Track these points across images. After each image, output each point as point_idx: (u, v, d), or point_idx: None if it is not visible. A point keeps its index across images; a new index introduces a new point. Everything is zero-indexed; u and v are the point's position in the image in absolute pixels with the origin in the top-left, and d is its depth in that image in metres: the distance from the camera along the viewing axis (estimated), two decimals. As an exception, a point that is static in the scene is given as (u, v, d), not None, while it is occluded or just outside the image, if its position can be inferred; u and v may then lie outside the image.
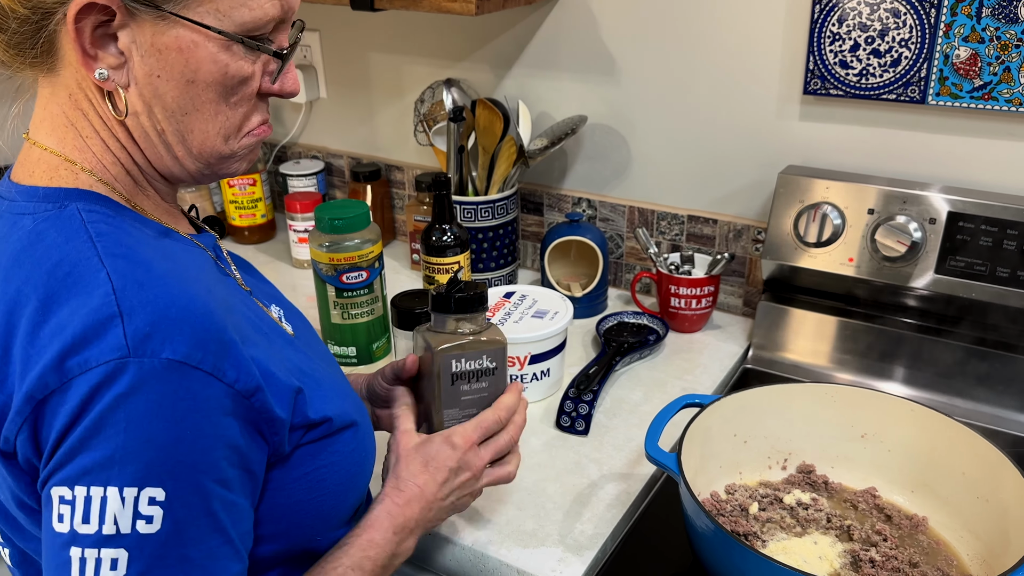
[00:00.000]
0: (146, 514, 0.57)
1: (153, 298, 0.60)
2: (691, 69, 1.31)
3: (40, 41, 0.64)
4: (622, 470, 1.05)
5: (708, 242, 1.39)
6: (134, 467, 0.57)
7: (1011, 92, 1.09)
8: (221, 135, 0.69)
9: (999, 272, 1.08)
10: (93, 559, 0.57)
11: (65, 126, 0.68)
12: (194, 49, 0.64)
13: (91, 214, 0.65)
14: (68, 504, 0.57)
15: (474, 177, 1.45)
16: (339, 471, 0.73)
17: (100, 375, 0.57)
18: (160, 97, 0.65)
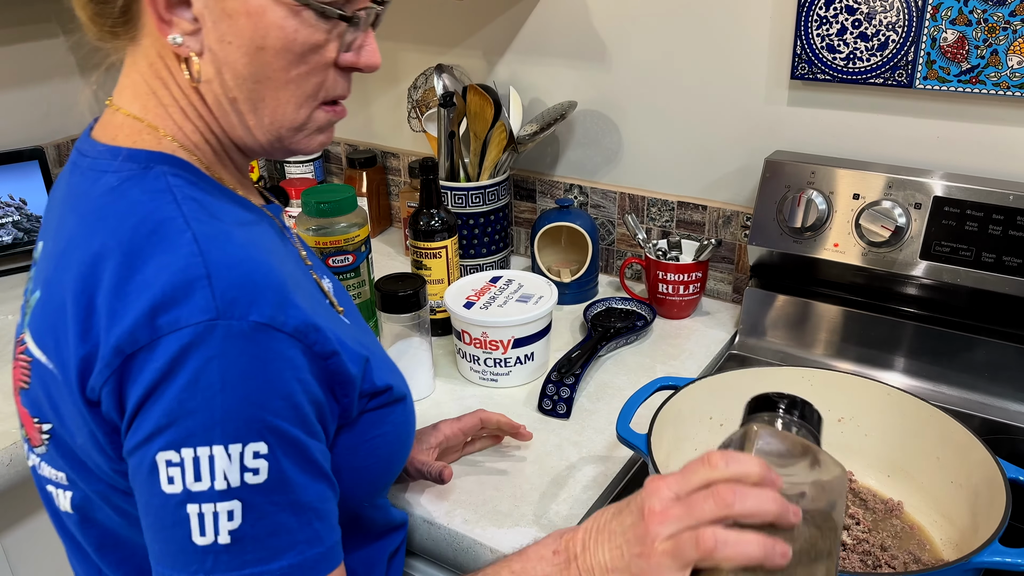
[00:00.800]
0: (252, 467, 0.59)
1: (237, 262, 0.61)
2: (681, 55, 1.31)
3: (118, 9, 0.66)
4: (601, 453, 1.05)
5: (698, 228, 1.39)
6: (235, 425, 0.59)
7: (999, 76, 1.08)
8: (292, 104, 0.68)
9: (984, 257, 1.07)
10: (211, 513, 0.59)
11: (147, 94, 0.69)
12: (262, 14, 0.63)
13: (176, 178, 0.66)
14: (177, 466, 0.58)
15: (466, 163, 1.45)
16: (392, 440, 0.75)
17: (190, 335, 0.58)
18: (231, 64, 0.65)
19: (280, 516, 0.61)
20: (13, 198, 1.56)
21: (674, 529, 0.61)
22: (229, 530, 0.59)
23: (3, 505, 1.12)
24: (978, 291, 1.09)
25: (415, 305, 1.13)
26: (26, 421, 0.72)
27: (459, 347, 1.20)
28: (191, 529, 0.59)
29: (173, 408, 0.58)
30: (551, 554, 0.67)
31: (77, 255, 0.64)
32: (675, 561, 0.60)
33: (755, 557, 0.58)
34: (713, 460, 0.62)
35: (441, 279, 1.28)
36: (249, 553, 0.60)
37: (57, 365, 0.64)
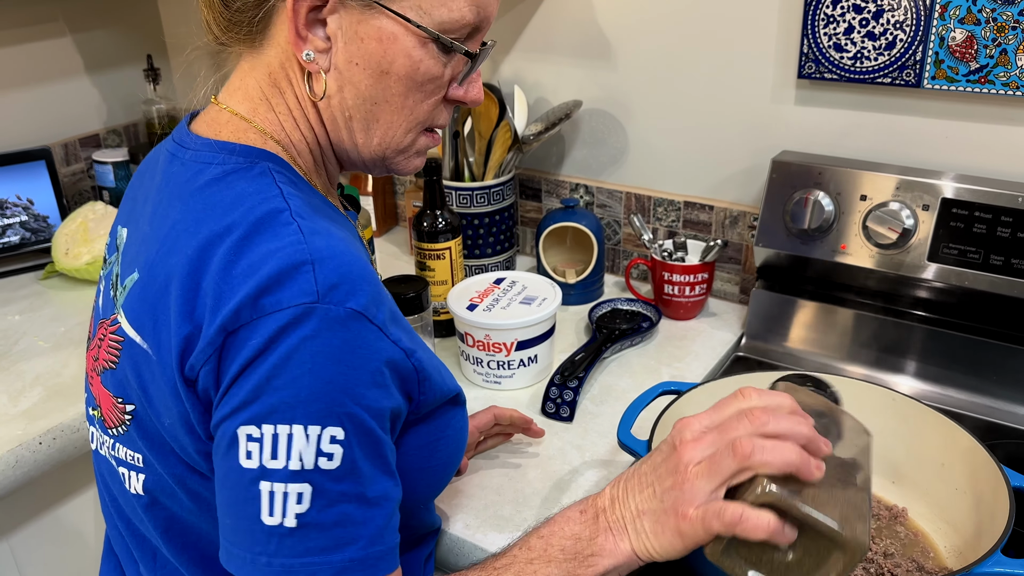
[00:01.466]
0: (327, 451, 0.61)
1: (339, 253, 0.64)
2: (686, 53, 1.30)
3: (257, 18, 0.69)
4: (604, 457, 1.05)
5: (705, 228, 1.38)
6: (318, 407, 0.60)
7: (1008, 75, 1.06)
8: (403, 128, 0.73)
9: (992, 260, 1.06)
10: (281, 492, 0.60)
11: (259, 99, 0.72)
12: (393, 41, 0.68)
13: (280, 175, 0.69)
14: (256, 441, 0.60)
15: (471, 162, 1.45)
16: (451, 444, 0.77)
17: (289, 316, 0.60)
18: (355, 84, 0.69)
19: (347, 507, 0.62)
20: (20, 198, 1.57)
21: (708, 452, 0.64)
22: (296, 513, 0.60)
23: (10, 506, 1.13)
24: (986, 294, 1.08)
25: (418, 307, 1.12)
26: (105, 401, 0.74)
27: (462, 349, 1.20)
28: (261, 507, 0.60)
29: (261, 384, 0.60)
30: (578, 513, 0.70)
31: (184, 240, 0.66)
32: (710, 480, 0.63)
33: (793, 463, 0.61)
34: (746, 392, 0.66)
35: (445, 280, 1.28)
36: (312, 540, 0.61)
37: (152, 346, 0.66)
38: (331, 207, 0.75)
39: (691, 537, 0.64)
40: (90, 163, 1.76)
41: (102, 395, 0.74)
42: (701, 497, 0.63)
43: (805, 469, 0.62)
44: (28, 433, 1.09)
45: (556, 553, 0.67)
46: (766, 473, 0.62)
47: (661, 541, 0.65)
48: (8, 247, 1.56)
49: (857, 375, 1.19)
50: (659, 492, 0.66)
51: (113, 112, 1.82)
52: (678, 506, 0.64)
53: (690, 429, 0.66)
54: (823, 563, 0.62)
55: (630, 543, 0.67)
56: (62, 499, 1.20)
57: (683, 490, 0.64)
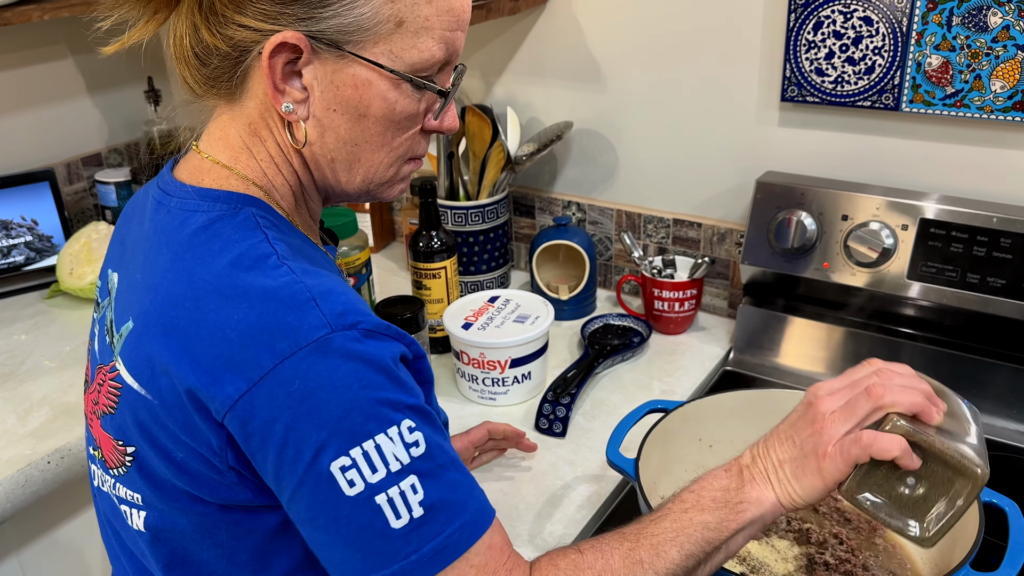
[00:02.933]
0: (412, 441, 0.65)
1: (332, 288, 0.67)
2: (674, 76, 1.34)
3: (235, 75, 0.71)
4: (596, 472, 1.08)
5: (693, 245, 1.42)
6: (384, 411, 0.64)
7: (982, 100, 1.10)
8: (385, 163, 0.76)
9: (969, 278, 1.10)
10: (398, 495, 0.63)
11: (240, 148, 0.74)
12: (368, 86, 0.70)
13: (263, 219, 0.72)
14: (351, 468, 0.63)
15: (465, 181, 1.48)
16: None
17: (312, 351, 0.63)
18: (334, 129, 0.72)
19: (448, 474, 0.66)
20: (25, 219, 1.60)
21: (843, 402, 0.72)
22: (419, 501, 0.64)
23: (19, 523, 1.16)
24: (963, 311, 1.11)
25: (414, 328, 1.16)
26: (106, 444, 0.76)
27: (458, 367, 1.23)
28: (387, 517, 0.63)
29: (324, 420, 0.63)
30: (723, 472, 0.76)
31: (177, 289, 0.68)
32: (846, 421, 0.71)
33: (919, 403, 0.71)
34: (872, 360, 0.76)
35: (441, 299, 1.32)
36: (442, 514, 0.65)
37: (153, 393, 0.68)
38: (312, 246, 0.77)
39: (831, 473, 0.70)
40: (92, 182, 1.79)
41: (102, 437, 0.76)
42: (839, 436, 0.71)
43: (928, 410, 0.71)
44: (36, 452, 1.13)
45: (707, 503, 0.73)
46: (896, 411, 0.70)
47: (803, 484, 0.72)
48: (13, 267, 1.59)
49: (841, 389, 1.22)
50: (798, 442, 0.73)
51: (115, 131, 1.85)
52: (817, 447, 0.71)
53: (824, 388, 0.74)
54: (948, 493, 0.70)
55: (774, 491, 0.73)
56: (70, 516, 1.23)
57: (822, 434, 0.71)
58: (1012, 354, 1.12)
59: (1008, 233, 1.07)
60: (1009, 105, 1.09)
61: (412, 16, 0.69)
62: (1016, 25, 1.05)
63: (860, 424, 0.71)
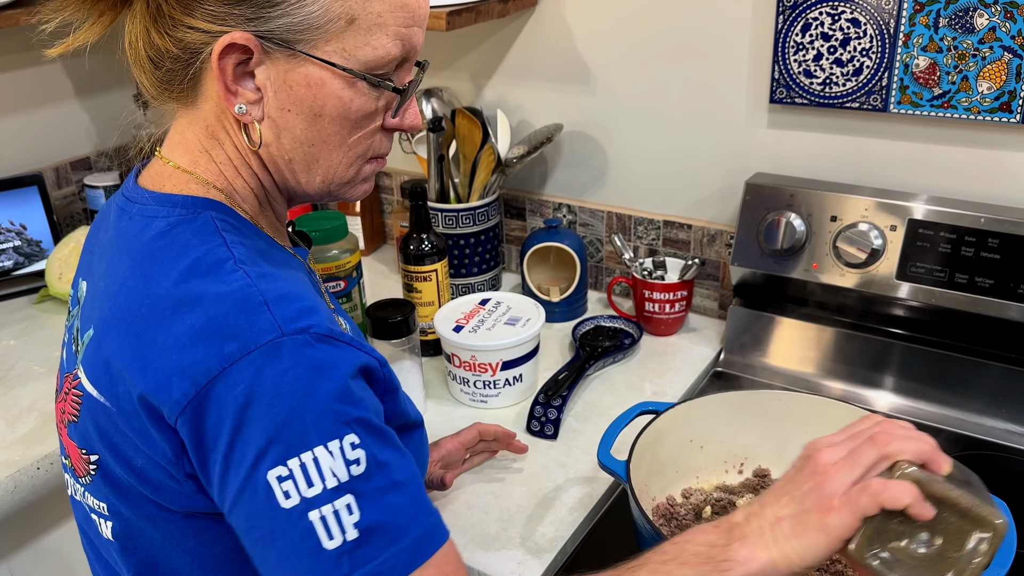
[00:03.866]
0: (353, 458, 0.63)
1: (287, 292, 0.67)
2: (664, 78, 1.34)
3: (187, 77, 0.71)
4: (587, 474, 1.08)
5: (683, 246, 1.42)
6: (327, 422, 0.62)
7: (969, 101, 1.11)
8: (344, 163, 0.75)
9: (957, 278, 1.10)
10: (331, 513, 0.62)
11: (199, 151, 0.74)
12: (321, 86, 0.69)
13: (223, 223, 0.71)
14: (288, 479, 0.61)
15: (456, 184, 1.48)
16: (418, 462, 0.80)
17: (261, 356, 0.62)
18: (290, 129, 0.72)
19: (389, 497, 0.64)
20: (13, 223, 1.60)
21: (845, 452, 0.67)
22: (354, 523, 0.62)
23: (9, 529, 1.16)
24: (952, 311, 1.12)
25: (405, 331, 1.16)
26: (73, 453, 0.76)
27: (449, 369, 1.23)
28: (319, 536, 0.61)
29: (266, 426, 0.62)
30: (712, 527, 0.70)
31: (134, 295, 0.68)
32: (852, 471, 0.66)
33: (926, 451, 0.66)
34: (871, 416, 0.72)
35: (432, 301, 1.31)
36: (378, 539, 0.63)
37: (111, 400, 0.68)
38: (278, 248, 0.76)
39: (836, 528, 0.64)
40: (81, 186, 1.79)
41: (70, 446, 0.76)
42: (845, 487, 0.65)
43: (936, 458, 0.66)
44: (26, 458, 1.12)
45: (689, 556, 0.67)
46: (903, 459, 0.66)
47: (804, 541, 0.65)
48: (2, 272, 1.58)
49: (832, 389, 1.23)
50: (798, 496, 0.67)
51: (104, 135, 1.84)
52: (821, 501, 0.65)
53: (822, 441, 0.70)
54: (965, 547, 0.64)
55: (767, 551, 0.66)
56: (58, 523, 1.23)
57: (824, 486, 0.65)
58: (1001, 353, 1.13)
59: (996, 233, 1.07)
60: (996, 106, 1.09)
61: (364, 13, 0.68)
62: (1002, 26, 1.06)
63: (867, 474, 0.65)
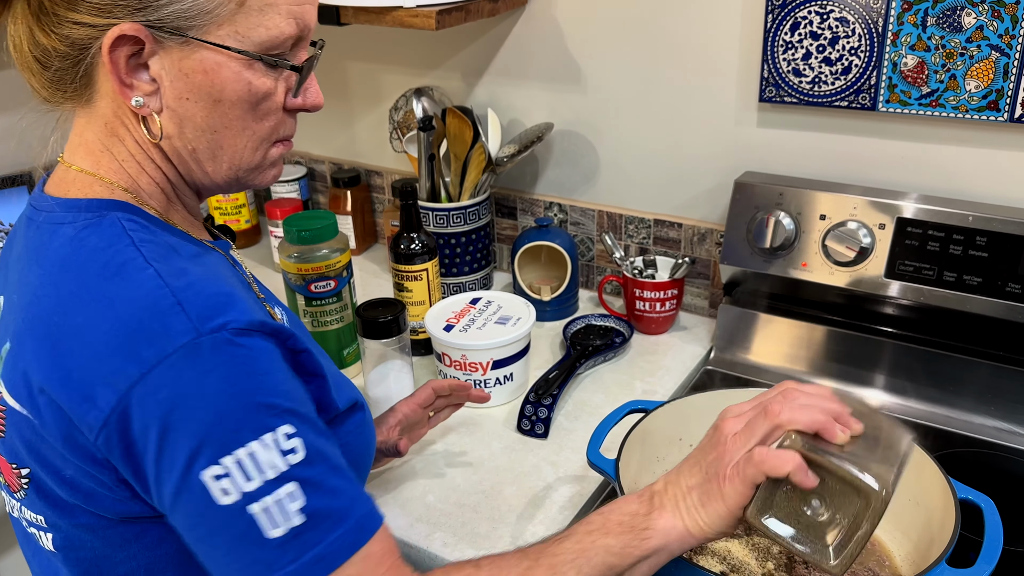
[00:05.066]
0: (288, 447, 0.63)
1: (201, 289, 0.66)
2: (653, 77, 1.34)
3: (79, 75, 0.70)
4: (578, 472, 1.08)
5: (674, 245, 1.42)
6: (258, 417, 0.63)
7: (957, 99, 1.11)
8: (250, 148, 0.74)
9: (946, 276, 1.11)
10: (274, 503, 0.62)
11: (100, 151, 0.73)
12: (218, 70, 0.69)
13: (130, 222, 0.70)
14: (225, 477, 0.61)
15: (447, 183, 1.48)
16: (355, 450, 0.80)
17: (181, 358, 0.62)
18: (191, 118, 0.71)
19: (331, 480, 0.65)
20: (2, 223, 1.59)
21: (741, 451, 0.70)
22: (299, 508, 0.62)
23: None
24: (941, 309, 1.12)
25: (396, 330, 1.16)
26: (4, 468, 0.75)
27: (440, 369, 1.23)
28: (262, 527, 0.62)
29: (195, 428, 0.61)
30: (635, 497, 0.74)
31: (45, 305, 0.67)
32: (746, 442, 0.70)
33: (819, 421, 0.68)
34: (787, 383, 0.74)
35: (423, 301, 1.31)
36: (323, 522, 0.63)
37: (32, 412, 0.67)
38: (193, 242, 0.75)
39: (732, 497, 0.69)
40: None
41: (1, 462, 0.75)
42: (737, 456, 0.69)
43: (830, 428, 0.68)
44: None
45: (613, 526, 0.71)
46: (795, 429, 0.69)
47: (709, 510, 0.70)
48: (-9, 272, 1.58)
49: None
50: (704, 466, 0.71)
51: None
52: (720, 471, 0.69)
53: (731, 410, 0.73)
54: (851, 514, 0.67)
55: (682, 519, 0.71)
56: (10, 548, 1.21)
57: (723, 457, 0.70)
58: (989, 351, 1.13)
59: (983, 232, 1.08)
60: (984, 104, 1.10)
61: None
62: (989, 25, 1.06)
63: (760, 443, 0.69)
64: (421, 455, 1.12)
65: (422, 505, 1.03)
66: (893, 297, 1.15)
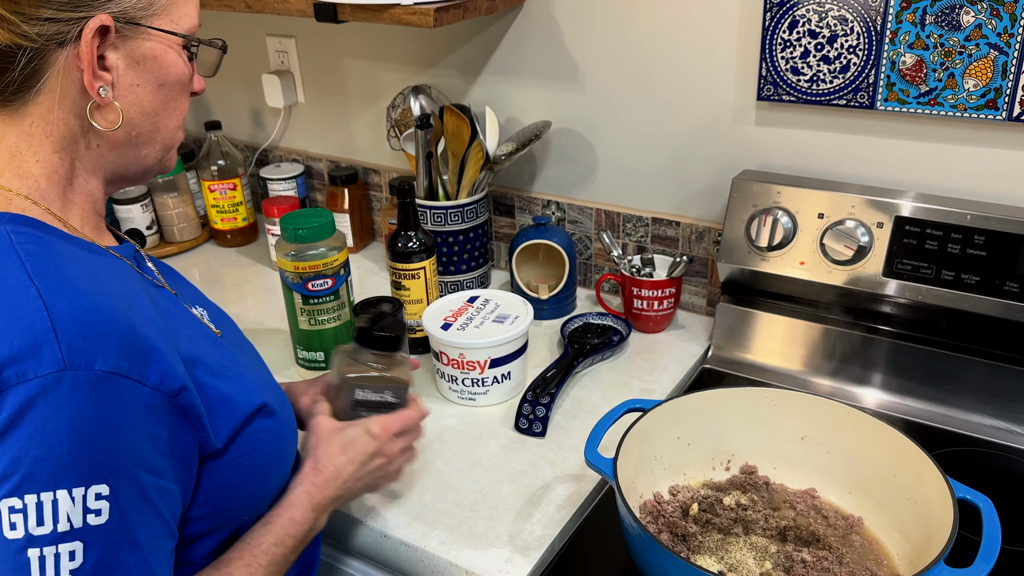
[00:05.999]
0: (94, 508, 0.63)
1: (82, 313, 0.65)
2: (651, 75, 1.34)
3: (22, 77, 0.71)
4: (575, 471, 1.08)
5: (672, 244, 1.42)
6: (79, 469, 0.62)
7: (956, 98, 1.11)
8: (175, 128, 0.81)
9: (944, 275, 1.11)
10: (52, 555, 0.62)
11: (8, 158, 0.73)
12: (163, 56, 0.76)
13: (19, 235, 0.70)
14: (20, 512, 0.61)
15: (444, 181, 1.48)
16: (261, 456, 0.81)
17: (38, 387, 0.62)
18: (139, 103, 0.76)
19: (119, 553, 0.64)
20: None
21: None
22: (71, 569, 0.62)
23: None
24: (938, 308, 1.12)
25: (397, 328, 1.16)
26: None
27: (437, 367, 1.23)
28: (31, 573, 0.61)
29: (19, 456, 0.61)
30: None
31: None
32: None
33: None
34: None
35: (420, 299, 1.31)
36: None
37: None
38: (92, 251, 0.75)
39: None
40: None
41: None
42: None
43: None
44: None
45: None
46: None
47: None
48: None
49: (819, 386, 1.23)
50: None
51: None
52: None
53: None
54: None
55: None
56: None
57: None
58: (986, 350, 1.13)
59: (981, 231, 1.08)
60: (982, 103, 1.10)
61: None
62: (988, 24, 1.06)
63: None
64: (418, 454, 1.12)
65: (419, 504, 1.03)
66: (891, 296, 1.15)
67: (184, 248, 1.78)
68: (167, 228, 1.77)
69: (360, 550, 1.02)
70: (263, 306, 1.54)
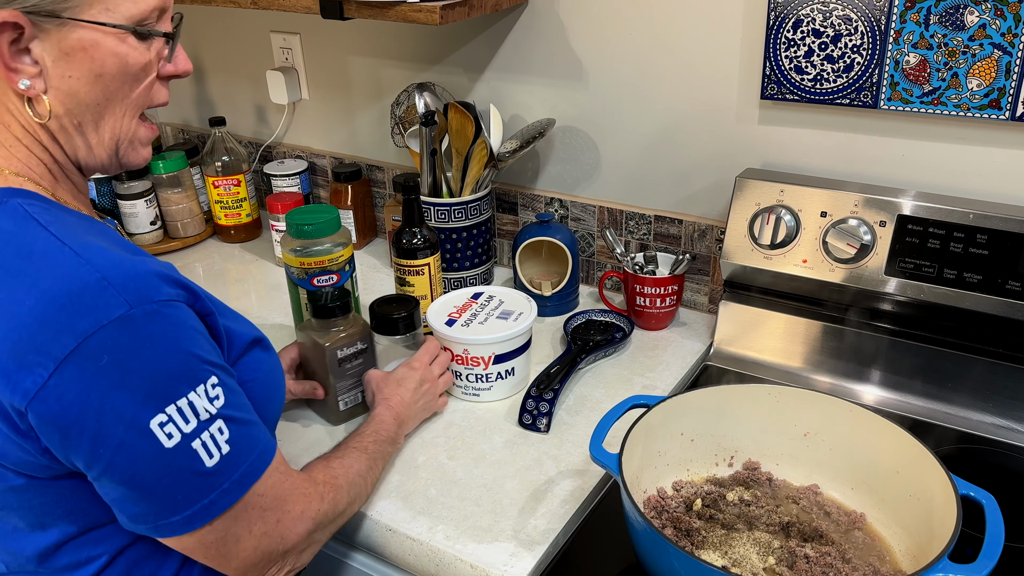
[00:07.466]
0: (214, 395, 0.75)
1: (119, 262, 0.72)
2: (655, 74, 1.34)
3: None
4: (579, 467, 1.09)
5: (675, 241, 1.43)
6: (188, 373, 0.74)
7: (959, 97, 1.12)
8: (128, 116, 0.81)
9: (946, 274, 1.11)
10: (208, 438, 0.75)
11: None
12: (97, 47, 0.75)
13: (32, 206, 0.74)
14: (169, 423, 0.72)
15: (448, 178, 1.49)
16: (262, 385, 0.88)
17: (117, 329, 0.69)
18: (75, 95, 0.76)
19: (243, 415, 0.79)
20: None
21: None
22: (225, 440, 0.76)
23: None
24: (941, 306, 1.13)
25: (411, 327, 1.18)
26: None
27: (442, 363, 1.24)
28: (202, 459, 0.74)
29: (138, 385, 0.70)
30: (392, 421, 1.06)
31: None
32: None
33: None
34: None
35: (424, 295, 1.32)
36: (243, 447, 0.77)
37: None
38: (89, 220, 0.80)
39: None
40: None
41: None
42: None
43: None
44: None
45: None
46: None
47: None
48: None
49: (821, 383, 1.24)
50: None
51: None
52: None
53: None
54: None
55: None
56: None
57: None
58: (988, 348, 1.14)
59: (984, 229, 1.08)
60: (985, 103, 1.10)
61: None
62: (992, 24, 1.06)
63: None
64: (423, 448, 1.13)
65: (424, 499, 1.04)
66: (893, 294, 1.15)
67: (188, 244, 1.79)
68: (171, 223, 1.77)
69: (366, 544, 1.03)
70: (267, 301, 1.54)
